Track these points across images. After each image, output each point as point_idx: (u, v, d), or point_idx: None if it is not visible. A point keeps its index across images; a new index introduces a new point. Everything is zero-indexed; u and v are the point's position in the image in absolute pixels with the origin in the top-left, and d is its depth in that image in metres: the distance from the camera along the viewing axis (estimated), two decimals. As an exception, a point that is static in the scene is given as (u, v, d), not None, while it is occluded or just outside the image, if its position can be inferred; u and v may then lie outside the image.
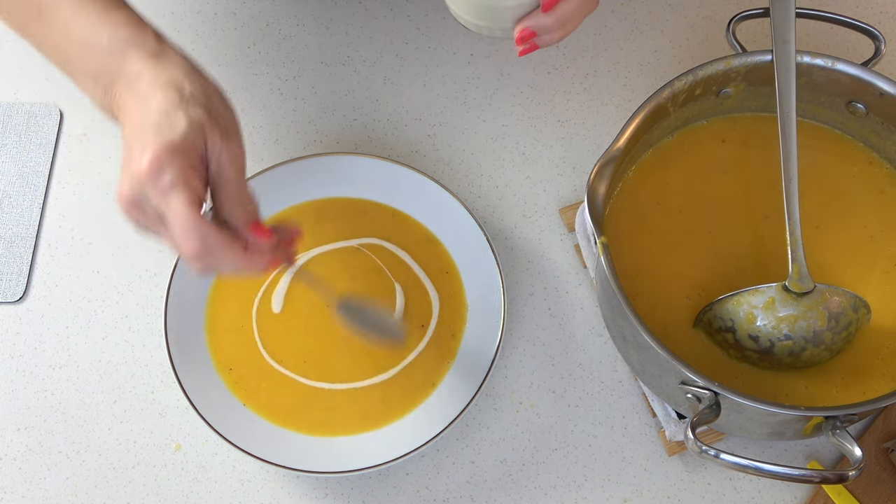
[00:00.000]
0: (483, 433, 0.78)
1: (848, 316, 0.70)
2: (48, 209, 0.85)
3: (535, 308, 0.81)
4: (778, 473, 0.62)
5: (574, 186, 0.85)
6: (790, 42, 0.71)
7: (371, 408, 0.76)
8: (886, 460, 0.75)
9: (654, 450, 0.77)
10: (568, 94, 0.88)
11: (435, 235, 0.81)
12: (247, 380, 0.77)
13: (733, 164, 0.77)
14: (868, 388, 0.70)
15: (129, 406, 0.79)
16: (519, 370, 0.79)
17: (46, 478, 0.77)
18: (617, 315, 0.70)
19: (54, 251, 0.84)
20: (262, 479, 0.77)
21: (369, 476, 0.76)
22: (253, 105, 0.88)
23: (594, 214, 0.68)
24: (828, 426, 0.65)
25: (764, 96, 0.75)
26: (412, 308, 0.79)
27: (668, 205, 0.76)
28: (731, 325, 0.70)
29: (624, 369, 0.79)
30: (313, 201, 0.82)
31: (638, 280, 0.73)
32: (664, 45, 0.90)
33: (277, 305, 0.79)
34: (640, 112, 0.71)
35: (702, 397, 0.65)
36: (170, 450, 0.78)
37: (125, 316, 0.82)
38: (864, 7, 0.90)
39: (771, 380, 0.71)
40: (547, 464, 0.77)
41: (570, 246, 0.83)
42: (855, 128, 0.77)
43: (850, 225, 0.75)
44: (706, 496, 0.76)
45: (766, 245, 0.74)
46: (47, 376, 0.80)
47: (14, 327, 0.81)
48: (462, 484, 0.76)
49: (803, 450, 0.77)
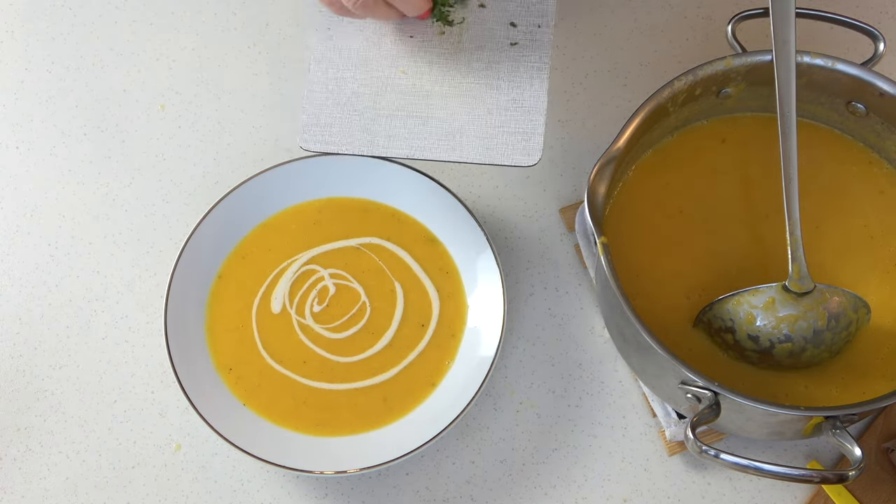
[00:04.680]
0: (483, 433, 0.78)
1: (848, 316, 0.70)
2: (48, 209, 0.85)
3: (535, 308, 0.81)
4: (778, 473, 0.62)
5: (574, 186, 0.85)
6: (790, 42, 0.71)
7: (371, 408, 0.76)
8: (886, 460, 0.75)
9: (654, 450, 0.77)
10: (568, 94, 0.88)
11: (435, 235, 0.81)
12: (247, 380, 0.77)
13: (733, 164, 0.77)
14: (868, 388, 0.70)
15: (129, 406, 0.79)
16: (519, 370, 0.79)
17: (46, 478, 0.77)
18: (617, 315, 0.70)
19: (54, 251, 0.84)
20: (262, 479, 0.77)
21: (369, 476, 0.76)
22: (253, 105, 0.88)
23: (594, 214, 0.68)
24: (828, 426, 0.65)
25: (764, 96, 0.75)
26: (412, 308, 0.79)
27: (668, 205, 0.76)
28: (731, 325, 0.70)
29: (624, 369, 0.79)
30: (313, 201, 0.82)
31: (638, 280, 0.73)
32: (664, 45, 0.90)
33: (277, 305, 0.79)
34: (640, 112, 0.71)
35: (702, 397, 0.65)
36: (170, 450, 0.78)
37: (125, 316, 0.82)
38: (864, 7, 0.90)
39: (771, 380, 0.71)
40: (547, 464, 0.77)
41: (570, 246, 0.83)
42: (855, 128, 0.77)
43: (850, 225, 0.75)
44: (706, 496, 0.76)
45: (766, 245, 0.74)
46: (47, 376, 0.80)
47: (14, 327, 0.81)
48: (462, 484, 0.76)
49: (803, 450, 0.77)
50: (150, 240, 0.84)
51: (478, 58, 0.74)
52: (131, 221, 0.85)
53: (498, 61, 0.74)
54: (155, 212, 0.85)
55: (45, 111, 0.89)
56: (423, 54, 0.75)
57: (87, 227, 0.85)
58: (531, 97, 0.74)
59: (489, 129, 0.73)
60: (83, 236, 0.84)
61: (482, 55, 0.74)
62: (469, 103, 0.74)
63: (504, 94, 0.74)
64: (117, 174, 0.86)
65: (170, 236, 0.84)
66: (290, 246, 0.80)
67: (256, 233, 0.81)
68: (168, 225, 0.84)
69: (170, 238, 0.84)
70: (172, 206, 0.85)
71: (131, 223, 0.85)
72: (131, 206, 0.85)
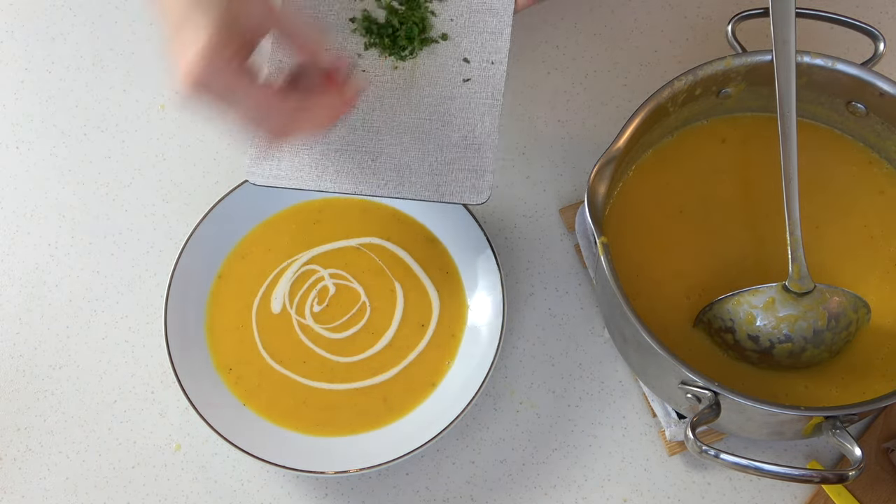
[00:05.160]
0: (483, 433, 0.78)
1: (848, 316, 0.70)
2: (48, 209, 0.85)
3: (535, 308, 0.81)
4: (778, 473, 0.62)
5: (574, 186, 0.85)
6: (790, 42, 0.71)
7: (371, 408, 0.76)
8: (886, 460, 0.75)
9: (654, 450, 0.77)
10: (568, 94, 0.88)
11: (435, 235, 0.81)
12: (247, 380, 0.77)
13: (733, 164, 0.77)
14: (868, 388, 0.70)
15: (129, 406, 0.79)
16: (519, 370, 0.79)
17: (46, 478, 0.77)
18: (617, 315, 0.70)
19: (54, 251, 0.84)
20: (262, 479, 0.77)
21: (369, 476, 0.76)
22: (253, 105, 0.88)
23: (594, 214, 0.68)
24: (828, 426, 0.65)
25: (764, 96, 0.75)
26: (412, 308, 0.79)
27: (668, 205, 0.76)
28: (731, 325, 0.70)
29: (624, 369, 0.79)
30: (313, 201, 0.82)
31: (638, 280, 0.73)
32: (664, 45, 0.90)
33: (277, 305, 0.79)
34: (640, 112, 0.71)
35: (702, 397, 0.65)
36: (170, 450, 0.78)
37: (125, 316, 0.82)
38: (864, 7, 0.90)
39: (771, 380, 0.71)
40: (547, 464, 0.77)
41: (570, 246, 0.83)
42: (855, 128, 0.77)
43: (850, 225, 0.75)
44: (706, 496, 0.76)
45: (766, 245, 0.74)
46: (47, 376, 0.80)
47: (14, 327, 0.81)
48: (462, 484, 0.76)
49: (803, 450, 0.77)
50: (150, 240, 0.84)
51: (430, 94, 0.73)
52: (131, 221, 0.85)
53: (451, 97, 0.73)
54: (155, 212, 0.85)
55: (45, 111, 0.89)
56: (374, 89, 0.73)
57: (87, 227, 0.85)
58: (482, 134, 0.72)
59: (440, 165, 0.72)
60: (83, 236, 0.84)
61: (434, 91, 0.73)
62: (420, 139, 0.72)
63: (456, 132, 0.72)
64: (117, 174, 0.86)
65: (170, 236, 0.84)
66: (290, 246, 0.81)
67: (256, 233, 0.81)
68: (168, 225, 0.84)
69: (170, 238, 0.84)
70: (172, 206, 0.85)
71: (131, 223, 0.85)
72: (131, 206, 0.85)
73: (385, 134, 0.72)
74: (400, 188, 0.71)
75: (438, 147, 0.72)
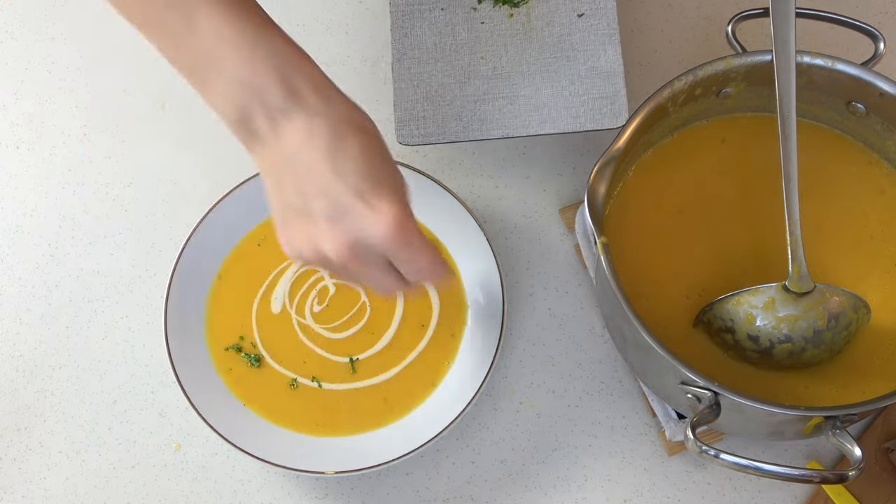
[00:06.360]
0: (483, 433, 0.78)
1: (848, 316, 0.70)
2: (48, 209, 0.85)
3: (535, 308, 0.81)
4: (778, 473, 0.62)
5: (574, 186, 0.85)
6: (790, 42, 0.71)
7: (371, 408, 0.76)
8: (886, 460, 0.75)
9: (654, 450, 0.77)
10: (568, 94, 0.88)
11: (435, 235, 0.81)
12: (247, 380, 0.77)
13: (733, 164, 0.77)
14: (868, 388, 0.70)
15: (129, 406, 0.79)
16: (519, 370, 0.79)
17: (46, 478, 0.77)
18: (617, 315, 0.70)
19: (54, 251, 0.84)
20: (262, 479, 0.77)
21: (369, 476, 0.76)
22: (253, 105, 0.88)
23: (594, 214, 0.68)
24: (828, 426, 0.65)
25: (764, 96, 0.75)
26: (412, 308, 0.79)
27: (668, 205, 0.76)
28: (731, 325, 0.70)
29: (624, 369, 0.79)
30: (313, 201, 0.82)
31: (638, 280, 0.73)
32: (664, 45, 0.90)
33: (277, 305, 0.79)
34: (640, 112, 0.71)
35: (702, 397, 0.65)
36: (170, 450, 0.78)
37: (125, 316, 0.82)
38: (864, 7, 0.90)
39: (771, 380, 0.71)
40: (547, 464, 0.77)
41: (570, 246, 0.83)
42: (855, 128, 0.77)
43: (850, 225, 0.75)
44: (706, 496, 0.76)
45: (766, 245, 0.74)
46: (47, 376, 0.80)
47: (14, 327, 0.81)
48: (462, 484, 0.76)
49: (803, 450, 0.77)
50: (150, 240, 0.84)
51: (549, 33, 0.78)
52: (131, 221, 0.85)
53: (569, 34, 0.78)
54: (155, 212, 0.85)
55: (45, 111, 0.89)
56: (497, 38, 0.78)
57: (87, 227, 0.85)
58: (607, 63, 0.77)
59: (574, 98, 0.77)
60: (83, 236, 0.84)
61: (552, 30, 0.78)
62: (550, 77, 0.77)
63: (582, 64, 0.77)
64: (117, 174, 0.86)
65: (170, 236, 0.84)
66: (290, 246, 0.80)
67: (256, 233, 0.81)
68: (168, 225, 0.84)
69: (170, 238, 0.84)
70: (172, 206, 0.85)
71: (131, 223, 0.85)
72: (131, 206, 0.85)
73: (516, 77, 0.77)
74: (542, 125, 0.77)
75: (569, 81, 0.77)
